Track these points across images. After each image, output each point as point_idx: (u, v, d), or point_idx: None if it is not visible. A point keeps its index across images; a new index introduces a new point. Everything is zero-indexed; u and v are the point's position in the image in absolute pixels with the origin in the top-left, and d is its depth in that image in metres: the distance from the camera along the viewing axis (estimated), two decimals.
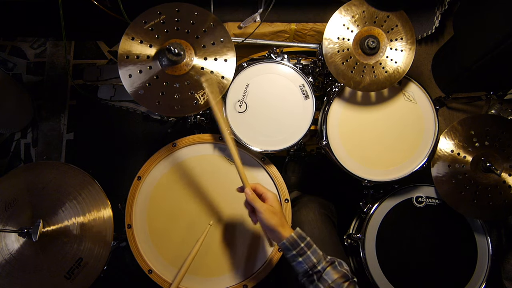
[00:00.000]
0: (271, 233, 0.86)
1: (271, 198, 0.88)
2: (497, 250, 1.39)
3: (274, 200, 0.88)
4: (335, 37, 1.10)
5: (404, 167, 1.19)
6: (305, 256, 0.83)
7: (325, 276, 0.81)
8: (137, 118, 1.80)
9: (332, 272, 0.81)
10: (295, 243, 0.83)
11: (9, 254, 0.99)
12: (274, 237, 0.86)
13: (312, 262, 0.82)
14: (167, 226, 1.13)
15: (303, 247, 0.83)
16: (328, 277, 0.81)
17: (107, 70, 1.77)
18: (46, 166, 1.09)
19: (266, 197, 0.89)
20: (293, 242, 0.83)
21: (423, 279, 1.22)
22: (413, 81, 1.20)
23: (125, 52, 0.99)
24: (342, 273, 0.82)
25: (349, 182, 1.24)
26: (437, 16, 1.59)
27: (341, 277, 0.81)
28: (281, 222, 0.85)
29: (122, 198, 1.14)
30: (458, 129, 1.19)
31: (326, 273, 0.81)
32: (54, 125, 1.79)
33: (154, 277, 1.09)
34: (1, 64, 1.84)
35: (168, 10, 1.01)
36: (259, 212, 0.84)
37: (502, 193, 1.16)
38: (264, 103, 1.15)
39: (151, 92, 0.99)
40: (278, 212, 0.87)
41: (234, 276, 1.10)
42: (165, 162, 1.16)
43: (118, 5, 1.14)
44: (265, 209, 0.84)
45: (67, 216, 1.03)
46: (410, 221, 1.25)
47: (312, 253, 0.83)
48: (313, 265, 0.82)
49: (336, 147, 1.18)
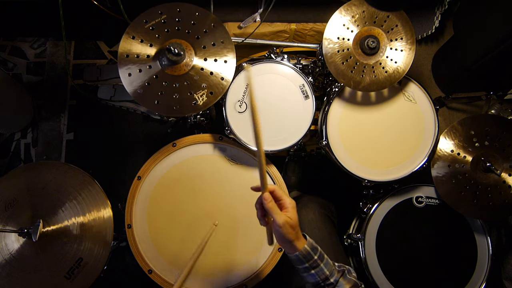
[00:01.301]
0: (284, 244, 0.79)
1: (290, 208, 0.78)
2: (497, 250, 1.39)
3: (292, 210, 0.78)
4: (335, 37, 1.10)
5: (404, 167, 1.19)
6: (318, 268, 0.79)
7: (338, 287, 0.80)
8: (137, 118, 1.80)
9: (343, 283, 0.80)
10: (308, 256, 0.79)
11: (9, 254, 0.99)
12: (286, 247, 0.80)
13: (325, 275, 0.79)
14: (167, 226, 1.13)
15: (316, 259, 0.79)
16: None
17: (107, 70, 1.77)
18: (46, 166, 1.09)
19: (284, 205, 0.78)
20: (306, 254, 0.78)
21: (423, 279, 1.22)
22: (413, 81, 1.20)
23: (125, 51, 0.99)
24: (353, 282, 0.81)
25: (349, 182, 1.24)
26: (437, 16, 1.59)
27: (352, 286, 0.81)
28: (297, 235, 0.79)
29: (122, 198, 1.14)
30: (458, 129, 1.19)
31: (339, 285, 0.80)
32: (54, 125, 1.79)
33: (154, 277, 1.09)
34: (1, 64, 1.83)
35: (169, 10, 1.01)
36: (277, 225, 0.75)
37: (502, 193, 1.16)
38: (264, 103, 1.15)
39: (150, 91, 0.99)
40: (296, 225, 0.78)
41: (234, 276, 1.10)
42: (165, 162, 1.16)
43: (118, 5, 1.14)
44: (284, 223, 0.74)
45: (67, 216, 1.03)
46: (410, 221, 1.25)
47: (325, 265, 0.80)
48: (326, 278, 0.80)
49: (336, 147, 1.18)
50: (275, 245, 1.12)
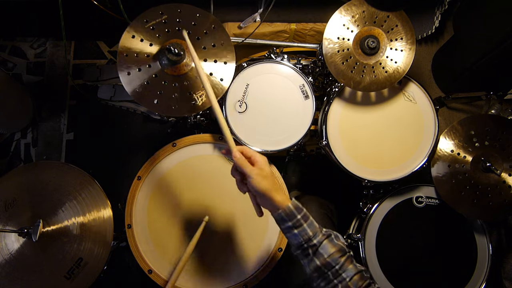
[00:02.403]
0: (263, 199, 0.79)
1: (260, 161, 0.80)
2: (497, 250, 1.39)
3: (263, 163, 0.80)
4: (335, 37, 1.10)
5: (404, 167, 1.19)
6: (301, 228, 0.77)
7: (321, 250, 0.77)
8: (137, 118, 1.80)
9: (328, 246, 0.77)
10: (291, 214, 0.77)
11: (9, 254, 0.99)
12: (267, 204, 0.80)
13: (308, 235, 0.77)
14: (167, 226, 1.13)
15: (299, 219, 0.78)
16: (324, 251, 0.76)
17: (107, 70, 1.77)
18: (46, 166, 1.09)
19: (255, 160, 0.81)
20: (289, 213, 0.77)
21: (423, 279, 1.22)
22: (413, 81, 1.20)
23: (125, 49, 0.99)
24: (339, 246, 0.78)
25: (349, 182, 1.24)
26: (437, 16, 1.59)
27: (338, 251, 0.77)
28: (273, 186, 0.79)
29: (122, 198, 1.14)
30: (458, 129, 1.19)
31: (322, 247, 0.77)
32: (54, 125, 1.79)
33: (154, 277, 1.09)
34: (1, 64, 1.83)
35: (170, 10, 1.01)
36: (249, 176, 0.77)
37: (502, 193, 1.16)
38: (264, 103, 1.15)
39: (150, 90, 0.99)
40: (269, 175, 0.79)
41: (234, 276, 1.10)
42: (165, 162, 1.16)
43: (118, 5, 1.14)
44: (255, 173, 0.77)
45: (67, 216, 1.03)
46: (410, 221, 1.25)
47: (308, 226, 0.78)
48: (309, 238, 0.77)
49: (336, 147, 1.18)
50: (275, 246, 1.12)
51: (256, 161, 0.80)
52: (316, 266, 0.76)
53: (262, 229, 1.14)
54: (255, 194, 0.81)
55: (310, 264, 0.77)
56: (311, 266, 0.77)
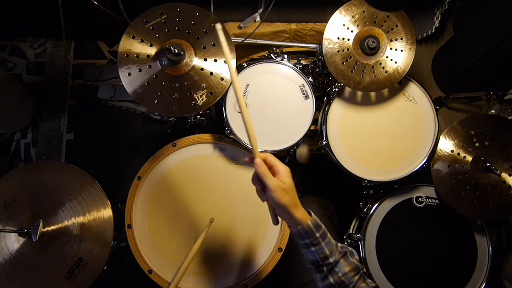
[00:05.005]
0: (282, 212, 0.77)
1: (283, 172, 0.76)
2: (497, 250, 1.39)
3: (286, 175, 0.76)
4: (335, 37, 1.10)
5: (404, 167, 1.19)
6: (318, 247, 0.77)
7: (336, 268, 0.77)
8: (137, 118, 1.80)
9: (344, 264, 0.77)
10: (310, 232, 0.76)
11: (9, 254, 0.99)
12: (285, 217, 0.78)
13: (324, 254, 0.77)
14: (167, 226, 1.13)
15: (317, 237, 0.77)
16: (339, 270, 0.77)
17: (107, 70, 1.77)
18: (46, 166, 1.09)
19: (277, 170, 0.77)
20: (308, 230, 0.76)
21: (423, 279, 1.22)
22: (413, 81, 1.20)
23: (125, 50, 0.99)
24: (354, 265, 0.78)
25: (349, 182, 1.24)
26: (437, 16, 1.59)
27: (352, 270, 0.77)
28: (293, 201, 0.76)
29: (122, 198, 1.14)
30: (458, 129, 1.19)
31: (338, 266, 0.77)
32: (54, 125, 1.79)
33: (154, 277, 1.09)
34: (1, 64, 1.83)
35: (170, 10, 1.01)
36: (269, 189, 0.74)
37: (502, 193, 1.16)
38: (264, 103, 1.15)
39: (150, 91, 0.99)
40: (290, 189, 0.76)
41: (234, 276, 1.10)
42: (165, 162, 1.16)
43: (118, 5, 1.14)
44: (276, 187, 0.73)
45: (67, 216, 1.03)
46: (410, 221, 1.25)
47: (326, 244, 0.77)
48: (325, 257, 0.77)
49: (336, 147, 1.18)
50: (275, 246, 1.12)
51: (278, 172, 0.76)
52: (329, 283, 0.77)
53: (262, 229, 1.14)
54: (275, 206, 0.78)
55: (324, 280, 0.78)
56: (324, 283, 0.78)
